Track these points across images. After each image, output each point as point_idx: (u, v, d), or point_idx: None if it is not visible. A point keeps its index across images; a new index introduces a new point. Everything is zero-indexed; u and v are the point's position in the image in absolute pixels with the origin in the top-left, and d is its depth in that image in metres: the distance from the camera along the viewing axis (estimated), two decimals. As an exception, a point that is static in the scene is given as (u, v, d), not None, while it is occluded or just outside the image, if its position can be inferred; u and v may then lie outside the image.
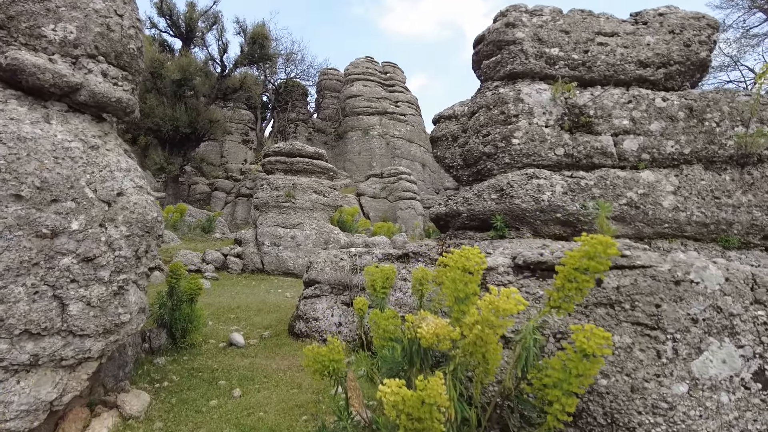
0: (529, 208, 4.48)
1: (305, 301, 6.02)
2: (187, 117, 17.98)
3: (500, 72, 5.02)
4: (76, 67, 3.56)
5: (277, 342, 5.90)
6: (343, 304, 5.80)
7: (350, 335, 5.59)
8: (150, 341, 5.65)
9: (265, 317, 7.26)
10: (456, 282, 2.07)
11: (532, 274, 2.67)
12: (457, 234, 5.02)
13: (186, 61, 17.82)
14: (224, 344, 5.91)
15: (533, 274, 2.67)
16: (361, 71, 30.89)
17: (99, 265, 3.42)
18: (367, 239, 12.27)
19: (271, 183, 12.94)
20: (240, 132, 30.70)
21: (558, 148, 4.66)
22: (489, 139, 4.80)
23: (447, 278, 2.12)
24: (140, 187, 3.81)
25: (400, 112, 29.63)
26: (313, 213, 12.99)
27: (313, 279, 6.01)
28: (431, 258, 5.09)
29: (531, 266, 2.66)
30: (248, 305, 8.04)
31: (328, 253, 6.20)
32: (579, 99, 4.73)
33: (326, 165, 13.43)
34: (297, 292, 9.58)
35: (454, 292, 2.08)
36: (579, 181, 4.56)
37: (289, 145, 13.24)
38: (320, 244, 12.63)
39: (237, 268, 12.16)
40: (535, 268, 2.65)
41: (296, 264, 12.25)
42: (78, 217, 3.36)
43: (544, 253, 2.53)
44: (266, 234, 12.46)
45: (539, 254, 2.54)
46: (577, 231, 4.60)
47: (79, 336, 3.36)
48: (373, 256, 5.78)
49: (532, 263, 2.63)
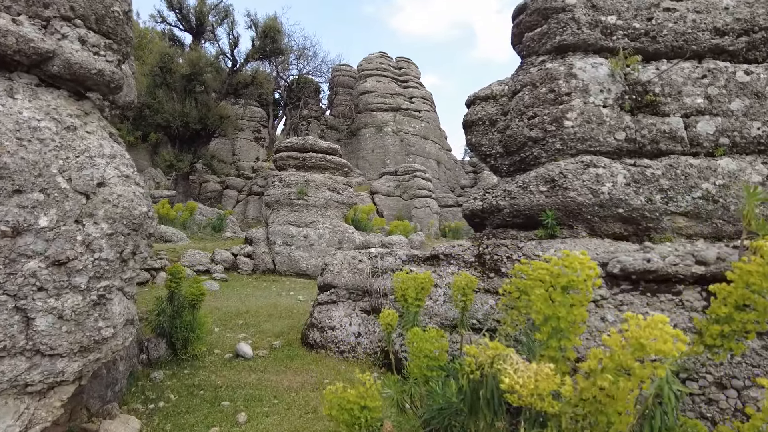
0: (586, 203, 3.78)
1: (320, 308, 5.39)
2: (197, 113, 17.49)
3: (547, 45, 4.32)
4: (48, 32, 2.95)
5: (288, 353, 5.27)
6: (362, 311, 5.16)
7: (371, 347, 4.94)
8: (148, 352, 5.07)
9: (276, 323, 6.64)
10: (554, 304, 1.39)
11: (634, 287, 1.99)
12: (496, 233, 4.34)
13: (196, 56, 17.33)
14: (230, 355, 5.30)
15: (634, 287, 1.99)
16: (375, 67, 30.21)
17: (74, 269, 2.81)
18: (384, 239, 11.62)
19: (283, 180, 12.35)
20: (252, 129, 30.25)
21: (618, 132, 3.96)
22: (536, 121, 4.10)
23: (538, 297, 1.45)
24: (127, 176, 3.21)
25: (415, 108, 28.90)
26: (326, 211, 12.38)
27: (329, 283, 5.37)
28: (465, 261, 4.41)
29: (632, 276, 1.98)
30: (258, 310, 7.44)
31: (345, 254, 5.56)
32: (642, 74, 4.02)
33: (340, 161, 12.81)
34: (310, 295, 8.97)
35: (551, 318, 1.41)
36: (644, 171, 3.85)
37: (301, 139, 12.65)
38: (334, 244, 12.01)
39: (247, 269, 11.60)
40: (638, 278, 1.96)
41: (309, 264, 11.64)
42: (47, 212, 2.76)
43: (651, 258, 1.88)
44: (278, 233, 11.88)
45: (645, 260, 1.88)
46: (641, 230, 3.89)
47: (49, 356, 2.76)
48: (396, 258, 5.12)
49: (635, 272, 1.96)
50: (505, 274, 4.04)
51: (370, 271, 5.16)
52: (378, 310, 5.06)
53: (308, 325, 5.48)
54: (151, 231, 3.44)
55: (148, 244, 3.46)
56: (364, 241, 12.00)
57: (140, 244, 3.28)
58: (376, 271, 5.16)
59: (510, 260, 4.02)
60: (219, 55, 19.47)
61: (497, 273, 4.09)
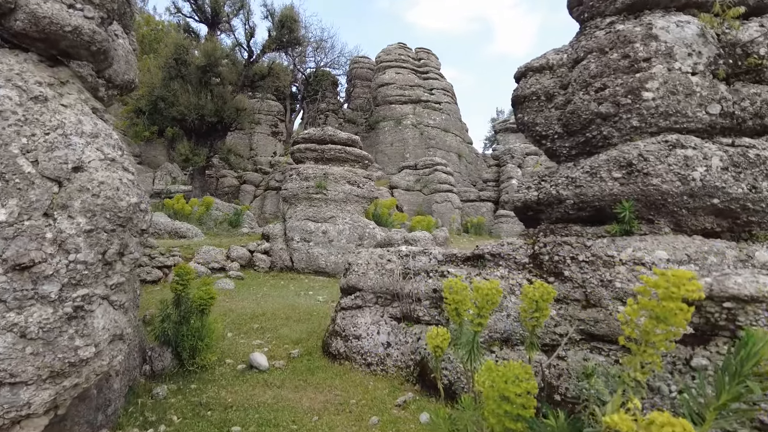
0: (672, 191, 3.06)
1: (344, 314, 4.76)
2: (213, 105, 17.03)
3: (617, 2, 3.58)
4: (9, -23, 2.36)
5: (308, 365, 4.66)
6: (391, 318, 4.51)
7: (402, 360, 4.29)
8: (152, 363, 4.52)
9: (295, 328, 6.05)
10: None
11: None
12: (555, 229, 3.64)
13: (211, 46, 16.84)
14: (243, 366, 4.72)
15: None
16: (394, 58, 29.42)
17: (41, 275, 2.23)
18: (407, 235, 10.96)
19: (301, 173, 11.78)
20: (269, 124, 29.82)
21: (712, 105, 3.22)
22: (605, 94, 3.39)
23: None
24: (112, 160, 2.62)
25: (435, 100, 28.05)
26: (346, 205, 11.77)
27: (353, 285, 4.74)
28: (517, 262, 3.73)
29: None
30: (275, 311, 6.86)
31: (371, 252, 4.91)
32: (742, 33, 3.26)
33: (360, 152, 12.17)
34: (330, 295, 8.37)
35: None
36: (745, 152, 3.11)
37: (320, 130, 12.04)
38: (354, 240, 11.40)
39: (264, 266, 11.07)
40: None
41: (328, 262, 11.06)
42: (6, 203, 2.18)
43: None
44: (295, 228, 11.32)
45: None
46: (739, 224, 3.16)
47: (9, 384, 2.19)
48: (431, 258, 4.46)
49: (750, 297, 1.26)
50: (568, 278, 3.35)
51: (401, 272, 4.51)
52: (410, 317, 4.41)
53: (330, 332, 4.86)
54: (144, 226, 2.85)
55: (140, 242, 2.88)
56: (385, 237, 11.36)
57: (129, 242, 2.69)
58: (408, 273, 4.51)
59: (575, 261, 3.33)
60: (235, 47, 18.97)
61: (558, 277, 3.40)
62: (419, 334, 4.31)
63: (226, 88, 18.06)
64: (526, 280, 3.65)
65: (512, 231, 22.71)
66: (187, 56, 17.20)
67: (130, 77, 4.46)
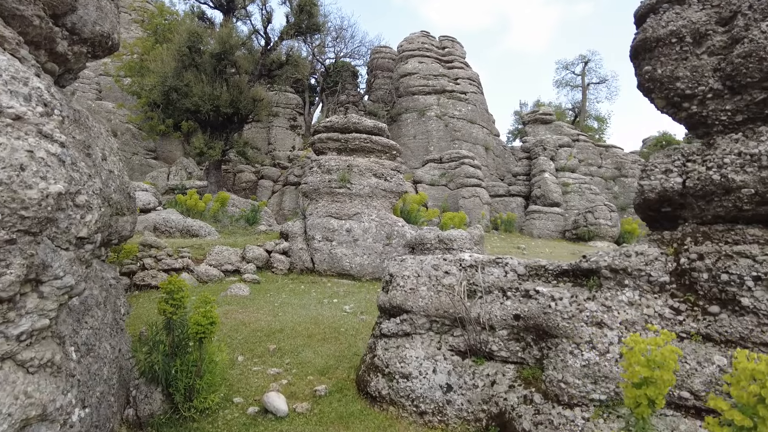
0: None
1: (386, 343, 3.62)
2: (228, 95, 16.01)
3: None
4: None
5: (340, 409, 3.54)
6: (453, 351, 3.35)
7: (470, 410, 3.13)
8: (136, 405, 3.45)
9: (320, 350, 4.95)
10: None
11: None
12: (712, 232, 2.42)
13: (226, 32, 15.82)
14: (256, 409, 3.62)
15: None
16: (416, 47, 28.03)
17: None
18: (441, 234, 9.76)
19: (322, 165, 10.67)
20: (287, 117, 28.85)
21: None
22: (816, 19, 2.14)
23: None
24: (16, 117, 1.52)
25: (460, 90, 26.59)
26: (372, 201, 10.62)
27: (399, 305, 3.58)
28: (652, 281, 2.52)
29: None
30: (295, 327, 5.77)
31: (420, 261, 3.75)
32: None
33: (388, 142, 10.99)
34: (358, 304, 7.25)
35: None
36: None
37: (343, 118, 10.90)
38: (381, 239, 10.27)
39: (283, 268, 10.01)
40: None
41: (353, 263, 9.95)
42: None
43: None
44: (317, 226, 10.22)
45: None
46: None
47: None
48: (508, 270, 3.28)
49: None
50: (746, 308, 2.14)
51: (465, 289, 3.33)
52: (479, 350, 3.24)
53: (368, 365, 3.72)
54: (83, 232, 1.75)
55: (78, 258, 1.78)
56: (416, 236, 10.18)
57: (52, 260, 1.59)
58: (475, 290, 3.33)
59: (760, 282, 2.11)
60: (251, 34, 17.94)
61: (727, 306, 2.19)
62: (493, 376, 3.14)
63: (242, 78, 17.04)
64: (668, 309, 2.44)
65: (545, 228, 21.31)
66: (201, 44, 16.22)
67: (105, 30, 3.36)
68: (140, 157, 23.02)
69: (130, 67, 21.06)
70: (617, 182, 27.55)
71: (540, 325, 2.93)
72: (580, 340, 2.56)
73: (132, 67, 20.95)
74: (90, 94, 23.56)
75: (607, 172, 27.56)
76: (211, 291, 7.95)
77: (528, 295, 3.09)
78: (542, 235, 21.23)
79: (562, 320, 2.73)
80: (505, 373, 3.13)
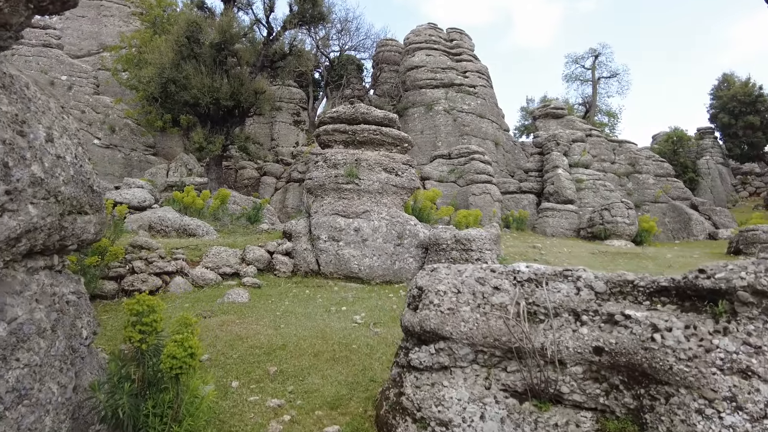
0: None
1: (417, 378, 2.83)
2: (228, 87, 15.20)
3: None
4: None
5: (357, 462, 2.76)
6: (507, 392, 2.56)
7: (532, 473, 2.34)
8: (96, 459, 2.68)
9: (329, 374, 4.17)
10: None
11: None
12: None
13: (227, 21, 15.01)
14: (250, 460, 2.85)
15: None
16: (424, 39, 27.09)
17: None
18: (458, 233, 8.95)
19: (328, 159, 9.89)
20: (290, 112, 28.04)
21: None
22: None
23: None
24: None
25: (469, 84, 25.67)
26: (382, 197, 9.83)
27: (434, 331, 2.79)
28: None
29: None
30: (299, 342, 5.00)
31: (458, 272, 2.96)
32: None
33: (399, 134, 10.19)
34: (370, 314, 6.47)
35: None
36: None
37: (350, 108, 10.11)
38: (392, 239, 9.48)
39: (286, 270, 9.25)
40: None
41: (362, 265, 9.17)
42: None
43: None
44: (322, 225, 9.45)
45: None
46: None
47: None
48: (581, 286, 2.49)
49: None
50: None
51: (523, 311, 2.55)
52: (542, 391, 2.45)
53: (392, 405, 2.93)
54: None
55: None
56: (430, 236, 9.39)
57: None
58: (535, 312, 2.55)
59: None
60: (253, 24, 17.15)
61: None
62: (564, 427, 2.35)
63: (244, 69, 16.24)
64: None
65: (559, 226, 20.45)
66: (201, 34, 15.43)
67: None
68: (139, 153, 22.30)
69: (128, 60, 20.32)
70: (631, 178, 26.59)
71: (636, 365, 2.14)
72: (713, 394, 1.78)
73: (130, 60, 20.22)
74: (87, 89, 22.85)
75: (620, 168, 26.62)
76: (207, 297, 7.20)
77: (613, 320, 2.30)
78: (556, 234, 20.38)
79: (677, 362, 1.94)
80: (581, 424, 2.34)
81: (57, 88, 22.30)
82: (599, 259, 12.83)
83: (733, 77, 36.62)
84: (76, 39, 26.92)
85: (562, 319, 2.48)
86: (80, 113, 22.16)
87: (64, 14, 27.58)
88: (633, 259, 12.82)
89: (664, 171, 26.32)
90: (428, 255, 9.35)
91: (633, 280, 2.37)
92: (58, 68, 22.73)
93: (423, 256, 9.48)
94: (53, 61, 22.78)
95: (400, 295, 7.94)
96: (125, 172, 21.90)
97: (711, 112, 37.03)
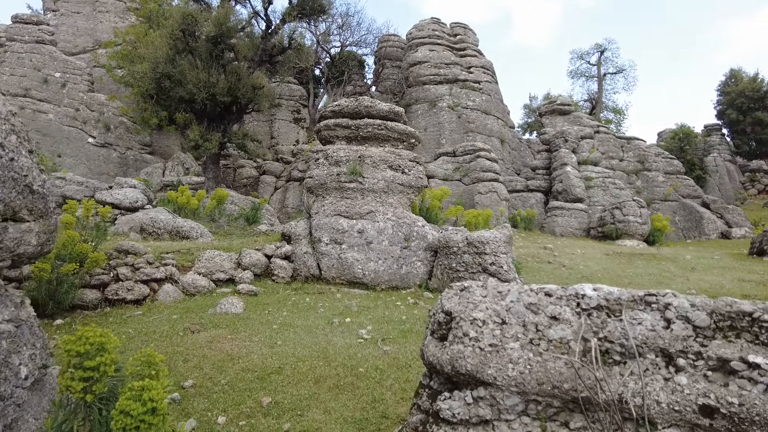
0: None
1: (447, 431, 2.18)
2: (225, 82, 14.57)
3: None
4: None
5: None
6: (570, 458, 1.91)
7: None
8: None
9: (332, 408, 3.53)
10: None
11: None
12: None
13: (223, 13, 14.38)
14: None
15: None
16: (427, 34, 26.43)
17: None
18: (470, 235, 8.30)
19: (330, 156, 9.24)
20: (290, 109, 27.40)
21: None
22: None
23: None
24: None
25: (474, 79, 25.02)
26: (387, 197, 9.19)
27: (471, 374, 2.14)
28: None
29: None
30: (297, 364, 4.36)
31: (499, 295, 2.32)
32: None
33: (405, 128, 9.54)
34: (376, 326, 5.82)
35: None
36: None
37: (353, 101, 9.46)
38: (399, 242, 8.83)
39: (285, 276, 8.60)
40: None
41: (366, 270, 8.52)
42: None
43: None
44: (324, 227, 8.80)
45: None
46: None
47: None
48: (672, 318, 1.83)
49: None
50: None
51: (596, 349, 1.90)
52: (623, 462, 1.80)
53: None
54: None
55: None
56: (439, 238, 8.75)
57: None
58: (608, 350, 1.90)
59: None
60: (251, 17, 16.53)
61: None
62: None
63: (241, 64, 15.62)
64: None
65: (568, 226, 19.80)
66: (196, 27, 14.80)
67: None
68: (135, 152, 21.68)
69: (123, 55, 19.70)
70: (640, 176, 25.90)
71: (776, 440, 1.49)
72: None
73: (124, 55, 19.59)
74: (82, 86, 22.23)
75: (629, 165, 25.93)
76: (198, 307, 6.56)
77: (727, 368, 1.65)
78: (565, 233, 19.72)
79: None
80: None
81: (50, 85, 21.69)
82: (615, 261, 12.17)
83: (741, 73, 35.93)
84: (71, 35, 26.32)
85: (646, 362, 1.83)
86: (74, 111, 21.55)
87: (59, 10, 26.97)
88: (651, 261, 12.15)
89: (673, 168, 25.61)
90: (437, 259, 8.71)
91: (752, 312, 1.73)
92: (52, 65, 22.11)
93: (432, 259, 8.84)
94: (46, 58, 22.16)
95: (408, 303, 7.31)
96: (121, 171, 21.29)
97: (718, 109, 36.34)
